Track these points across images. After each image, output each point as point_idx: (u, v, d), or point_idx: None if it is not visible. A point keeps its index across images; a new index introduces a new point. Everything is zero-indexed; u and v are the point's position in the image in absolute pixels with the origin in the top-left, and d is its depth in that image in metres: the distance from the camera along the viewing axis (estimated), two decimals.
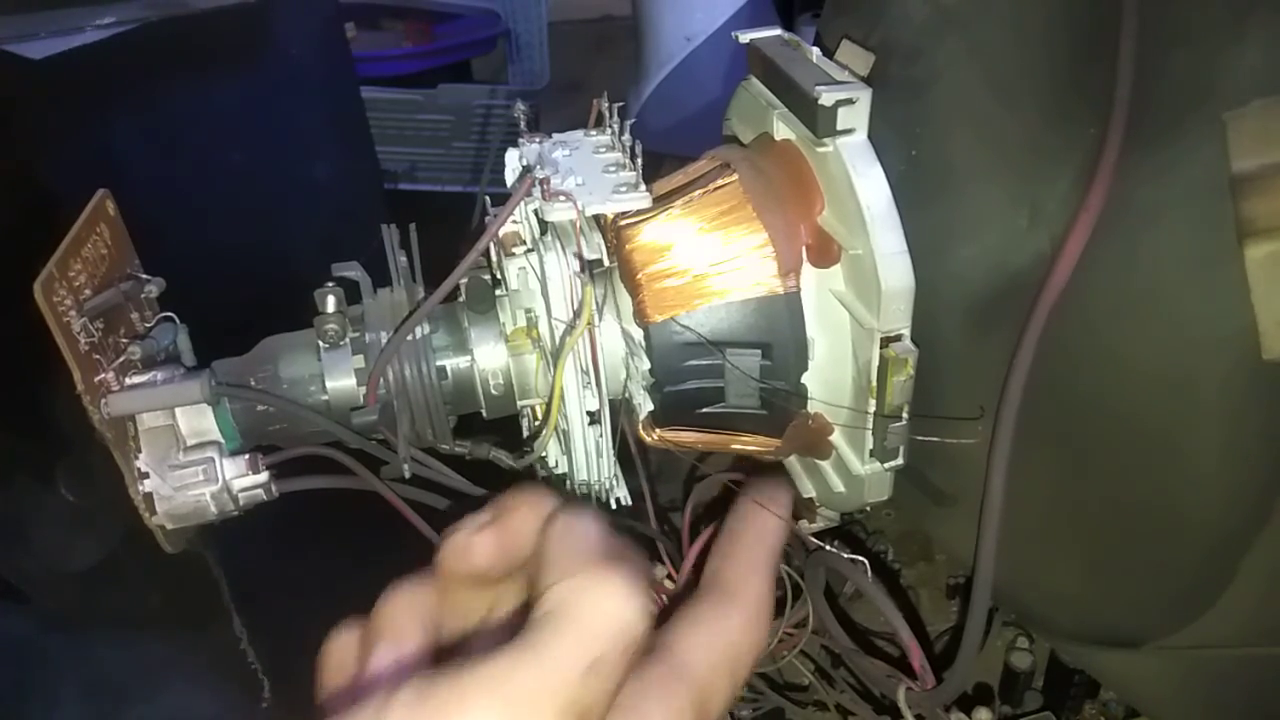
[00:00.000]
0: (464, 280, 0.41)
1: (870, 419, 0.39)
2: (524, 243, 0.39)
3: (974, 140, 0.39)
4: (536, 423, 0.43)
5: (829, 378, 0.40)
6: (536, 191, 0.37)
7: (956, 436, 0.39)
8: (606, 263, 0.40)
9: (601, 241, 0.39)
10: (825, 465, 0.43)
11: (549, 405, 0.39)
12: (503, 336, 0.41)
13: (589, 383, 0.38)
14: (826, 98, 0.36)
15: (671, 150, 0.45)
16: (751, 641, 0.34)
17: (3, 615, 0.62)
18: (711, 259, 0.39)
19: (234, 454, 0.40)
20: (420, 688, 0.27)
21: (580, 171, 0.39)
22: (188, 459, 0.39)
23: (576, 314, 0.37)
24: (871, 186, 0.37)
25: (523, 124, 0.43)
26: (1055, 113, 0.37)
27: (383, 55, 1.55)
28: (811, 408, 0.41)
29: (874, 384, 0.38)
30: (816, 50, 0.41)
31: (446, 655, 0.31)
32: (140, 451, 0.39)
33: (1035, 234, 0.37)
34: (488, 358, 0.41)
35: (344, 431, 0.40)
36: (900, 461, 0.40)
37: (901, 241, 0.37)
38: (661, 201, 0.39)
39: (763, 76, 0.43)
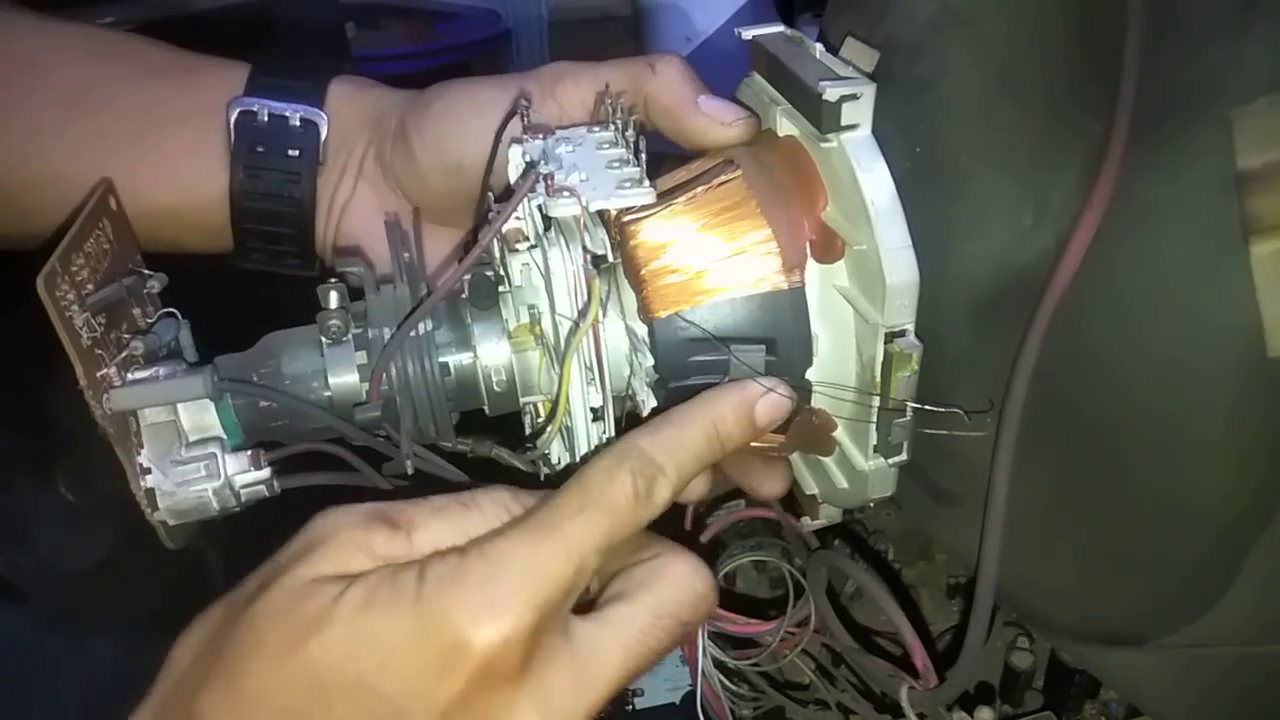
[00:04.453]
0: (467, 276, 0.41)
1: (874, 414, 0.39)
2: (527, 239, 0.39)
3: (979, 136, 0.39)
4: (539, 419, 0.43)
5: (833, 373, 0.40)
6: (540, 187, 0.37)
7: (960, 432, 0.39)
8: (610, 259, 0.40)
9: (605, 237, 0.39)
10: (829, 461, 0.43)
11: (553, 402, 0.39)
12: (506, 333, 0.41)
13: (593, 379, 0.38)
14: (830, 93, 0.36)
15: (675, 146, 0.45)
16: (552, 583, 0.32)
17: (3, 615, 0.62)
18: (715, 255, 0.39)
19: (236, 450, 0.40)
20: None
21: (584, 167, 0.39)
22: (190, 455, 0.39)
23: (582, 312, 0.37)
24: (876, 182, 0.37)
25: (525, 120, 0.43)
26: (1060, 109, 0.37)
27: (383, 55, 1.54)
28: (815, 403, 0.41)
29: (878, 379, 0.38)
30: (820, 46, 0.41)
31: None
32: (142, 447, 0.39)
33: (1040, 231, 0.37)
34: (491, 354, 0.41)
35: (347, 427, 0.40)
36: (904, 457, 0.40)
37: (906, 237, 0.37)
38: (665, 197, 0.39)
39: (766, 72, 0.43)
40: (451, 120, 0.47)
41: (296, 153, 0.49)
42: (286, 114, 0.49)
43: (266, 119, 0.49)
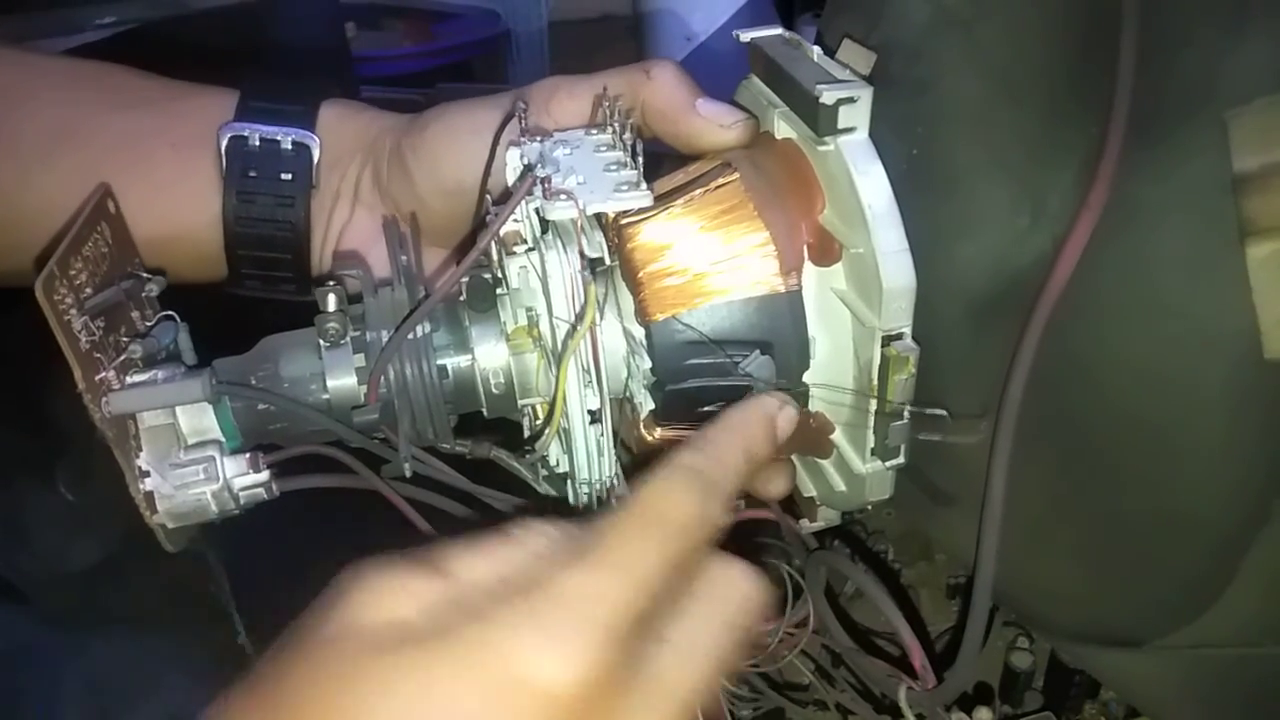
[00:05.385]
0: (465, 279, 0.41)
1: (872, 417, 0.39)
2: (525, 241, 0.39)
3: (975, 139, 0.39)
4: (538, 422, 0.43)
5: (830, 376, 0.40)
6: (537, 190, 0.37)
7: (958, 434, 0.39)
8: (608, 261, 0.40)
9: (603, 240, 0.39)
10: (826, 464, 0.43)
11: (551, 405, 0.39)
12: (504, 335, 0.41)
13: (590, 381, 0.38)
14: (828, 96, 0.36)
15: (672, 149, 0.45)
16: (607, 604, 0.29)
17: (3, 615, 0.62)
18: (712, 257, 0.39)
19: (235, 453, 0.40)
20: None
21: (581, 170, 0.39)
22: (188, 458, 0.39)
23: (579, 316, 0.37)
24: (873, 185, 0.37)
25: (523, 123, 0.43)
26: (1057, 112, 0.37)
27: (383, 55, 1.55)
28: (813, 406, 0.41)
29: (875, 382, 0.38)
30: (817, 49, 0.41)
31: None
32: (141, 450, 0.39)
33: (1037, 233, 0.37)
34: (489, 357, 0.41)
35: (345, 430, 0.40)
36: (901, 460, 0.40)
37: (903, 240, 0.37)
38: (662, 200, 0.39)
39: (763, 75, 0.43)
40: (449, 143, 0.46)
41: (289, 176, 0.49)
42: (278, 138, 0.49)
43: (258, 143, 0.49)
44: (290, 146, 0.49)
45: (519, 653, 0.27)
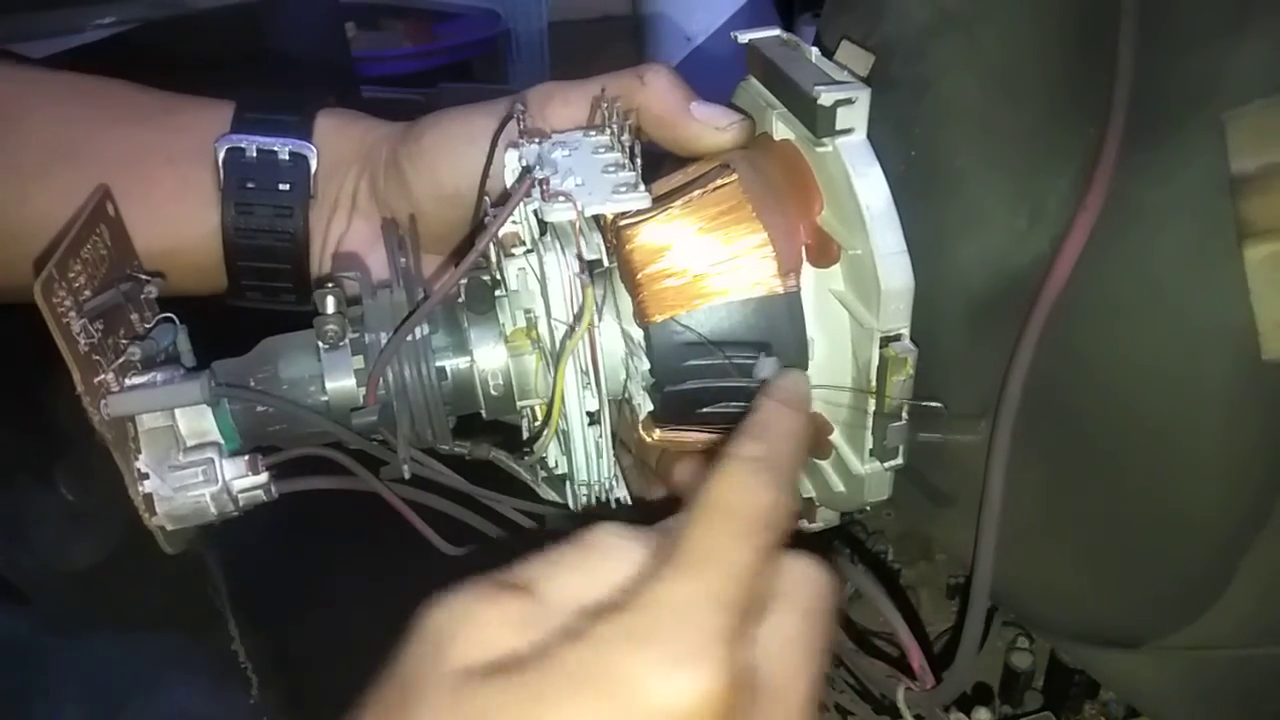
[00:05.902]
0: (463, 281, 0.41)
1: (870, 418, 0.39)
2: (523, 243, 0.39)
3: (974, 140, 0.39)
4: (536, 423, 0.43)
5: (829, 377, 0.40)
6: (536, 192, 0.37)
7: (956, 434, 0.39)
8: (606, 263, 0.40)
9: (601, 242, 0.39)
10: (825, 465, 0.43)
11: (550, 407, 0.39)
12: (502, 337, 0.41)
13: (588, 383, 0.38)
14: (826, 97, 0.36)
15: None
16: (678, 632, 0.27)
17: (3, 615, 0.62)
18: (711, 259, 0.39)
19: (234, 455, 0.40)
20: None
21: (579, 172, 0.39)
22: (187, 460, 0.39)
23: (577, 317, 0.37)
24: (871, 186, 0.37)
25: (522, 124, 0.43)
26: (1055, 113, 0.37)
27: (383, 55, 1.55)
28: (811, 407, 0.41)
29: (874, 383, 0.38)
30: (816, 50, 0.41)
31: None
32: (140, 452, 0.39)
33: (1035, 234, 0.37)
34: (487, 358, 0.41)
35: (344, 432, 0.40)
36: (900, 461, 0.40)
37: (901, 241, 0.37)
38: (661, 201, 0.39)
39: (762, 76, 0.43)
40: (446, 150, 0.46)
41: (287, 186, 0.49)
42: (275, 148, 0.49)
43: (255, 154, 0.49)
44: (287, 157, 0.49)
45: (639, 674, 0.27)
